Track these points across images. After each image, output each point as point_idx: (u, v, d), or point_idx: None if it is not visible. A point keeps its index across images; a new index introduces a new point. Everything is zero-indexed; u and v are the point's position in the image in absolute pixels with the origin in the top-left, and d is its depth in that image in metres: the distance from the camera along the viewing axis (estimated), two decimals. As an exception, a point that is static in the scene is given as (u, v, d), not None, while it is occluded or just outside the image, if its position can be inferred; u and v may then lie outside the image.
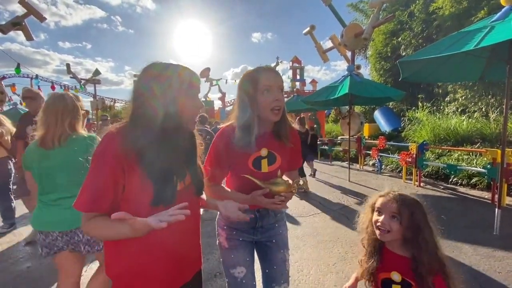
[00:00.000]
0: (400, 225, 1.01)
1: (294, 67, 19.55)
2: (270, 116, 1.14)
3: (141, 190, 0.86)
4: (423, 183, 5.77)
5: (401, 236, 1.03)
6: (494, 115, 7.30)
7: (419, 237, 1.00)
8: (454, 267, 1.04)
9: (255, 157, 1.21)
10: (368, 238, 1.12)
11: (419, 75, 4.03)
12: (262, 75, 1.13)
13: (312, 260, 2.74)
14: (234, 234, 1.30)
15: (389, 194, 1.07)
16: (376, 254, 1.08)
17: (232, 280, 1.29)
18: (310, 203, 4.69)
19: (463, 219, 3.71)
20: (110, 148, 0.84)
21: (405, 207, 1.02)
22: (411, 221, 1.01)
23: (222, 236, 1.33)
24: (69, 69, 19.87)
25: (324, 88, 7.11)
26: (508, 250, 2.80)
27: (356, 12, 14.45)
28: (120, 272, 0.92)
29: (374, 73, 12.57)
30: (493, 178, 4.27)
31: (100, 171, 0.83)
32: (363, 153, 8.08)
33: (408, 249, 1.03)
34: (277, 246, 1.33)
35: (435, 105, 9.42)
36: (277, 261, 1.32)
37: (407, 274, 1.01)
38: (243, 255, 1.29)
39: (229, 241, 1.30)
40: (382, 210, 1.06)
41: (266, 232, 1.33)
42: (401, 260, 1.04)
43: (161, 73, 0.90)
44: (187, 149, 1.00)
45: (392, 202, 1.04)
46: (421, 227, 1.01)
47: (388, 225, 1.02)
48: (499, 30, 2.63)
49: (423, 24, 9.97)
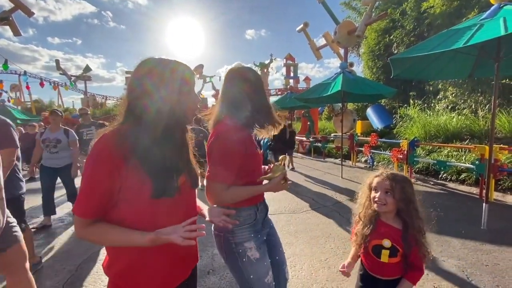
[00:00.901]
0: (394, 198, 1.20)
1: (288, 64, 19.57)
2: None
3: (140, 187, 0.85)
4: (414, 179, 5.86)
5: (395, 208, 1.22)
6: (483, 113, 7.45)
7: (410, 207, 1.20)
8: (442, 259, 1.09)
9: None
10: (365, 212, 1.31)
11: (410, 72, 4.08)
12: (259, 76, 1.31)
13: (304, 256, 2.77)
14: (259, 238, 1.28)
15: (382, 174, 1.26)
16: (372, 224, 1.27)
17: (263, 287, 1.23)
18: (303, 200, 4.73)
19: (452, 214, 3.79)
20: (105, 151, 0.82)
21: (397, 183, 1.21)
22: (402, 194, 1.20)
23: (251, 248, 1.23)
24: (59, 66, 19.48)
25: (317, 85, 7.15)
26: (495, 243, 2.87)
27: (349, 9, 14.52)
28: (121, 270, 0.92)
29: (366, 70, 12.66)
30: (481, 173, 4.38)
31: (97, 176, 0.82)
32: (355, 150, 8.16)
33: (399, 221, 1.23)
34: (274, 231, 1.46)
35: (426, 103, 9.56)
36: (279, 242, 1.45)
37: (397, 241, 1.20)
38: (268, 258, 1.30)
39: (260, 248, 1.25)
40: (378, 187, 1.25)
41: (267, 221, 1.42)
42: (392, 229, 1.23)
43: (156, 69, 0.89)
44: (183, 144, 1.02)
45: (385, 180, 1.23)
46: (411, 199, 1.21)
47: (384, 199, 1.21)
48: (487, 28, 2.68)
49: (415, 22, 10.08)
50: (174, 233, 0.82)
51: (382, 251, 1.22)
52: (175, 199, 0.92)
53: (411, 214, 1.19)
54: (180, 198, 0.94)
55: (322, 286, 2.26)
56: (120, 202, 0.86)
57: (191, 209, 1.05)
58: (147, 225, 0.86)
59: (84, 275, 2.49)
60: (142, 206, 0.86)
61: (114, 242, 0.87)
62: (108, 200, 0.84)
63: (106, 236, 0.85)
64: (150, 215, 0.88)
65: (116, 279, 0.94)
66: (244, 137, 1.21)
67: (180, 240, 0.79)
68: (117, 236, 0.85)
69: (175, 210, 0.93)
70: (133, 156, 0.84)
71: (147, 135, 0.86)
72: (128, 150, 0.83)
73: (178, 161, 0.95)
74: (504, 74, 4.53)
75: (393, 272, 1.24)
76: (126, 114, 0.90)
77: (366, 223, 1.28)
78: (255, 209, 1.29)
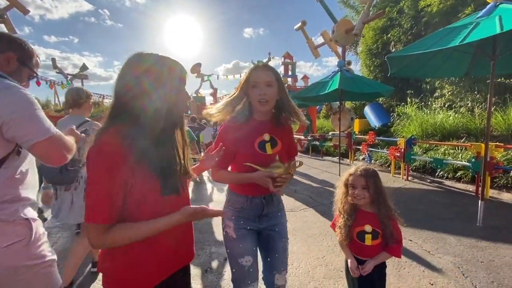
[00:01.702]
0: (368, 192, 1.40)
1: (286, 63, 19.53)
2: (258, 106, 1.32)
3: (147, 186, 0.87)
4: (410, 177, 5.90)
5: (371, 199, 1.42)
6: (479, 111, 7.49)
7: (380, 197, 1.41)
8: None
9: (259, 141, 1.37)
10: (344, 205, 1.48)
11: (407, 70, 4.09)
12: (252, 73, 1.32)
13: (302, 254, 2.78)
14: (242, 224, 1.40)
15: (356, 172, 1.44)
16: (352, 215, 1.45)
17: (239, 269, 1.36)
18: (301, 198, 4.74)
19: (448, 211, 3.82)
20: (115, 152, 0.81)
21: (370, 178, 1.41)
22: (375, 187, 1.40)
23: (230, 227, 1.40)
24: (55, 64, 19.31)
25: (315, 83, 7.15)
26: (490, 240, 2.90)
27: (347, 8, 14.52)
28: (114, 264, 0.91)
29: (364, 69, 12.68)
30: (477, 171, 4.41)
31: (111, 179, 0.80)
32: (353, 148, 8.18)
33: (375, 207, 1.42)
34: (279, 235, 1.45)
35: (423, 101, 9.59)
36: (279, 249, 1.43)
37: (376, 225, 1.40)
38: (250, 245, 1.38)
39: (237, 231, 1.38)
40: (355, 184, 1.42)
41: (270, 221, 1.45)
42: (371, 215, 1.42)
43: (146, 66, 0.88)
44: (180, 140, 1.04)
45: (360, 177, 1.41)
46: (382, 189, 1.42)
47: (362, 194, 1.40)
48: (483, 27, 2.69)
49: (412, 21, 10.10)
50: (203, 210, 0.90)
51: (365, 236, 1.41)
52: (179, 195, 0.97)
53: (383, 200, 1.41)
54: (183, 194, 1.00)
55: (319, 283, 2.28)
56: (130, 203, 0.85)
57: (185, 199, 1.07)
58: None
59: (80, 273, 2.49)
60: (150, 205, 0.87)
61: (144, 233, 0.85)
62: (120, 202, 0.83)
63: (133, 231, 0.83)
64: (158, 214, 0.88)
65: (110, 273, 0.93)
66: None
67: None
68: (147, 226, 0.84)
69: (179, 207, 0.95)
70: (136, 156, 0.83)
71: (147, 134, 0.87)
72: (134, 150, 0.83)
73: (179, 158, 0.98)
74: (500, 72, 4.55)
75: (376, 252, 1.42)
76: (122, 113, 0.89)
77: (348, 215, 1.45)
78: (245, 199, 1.39)
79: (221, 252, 2.71)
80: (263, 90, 1.28)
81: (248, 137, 1.36)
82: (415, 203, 4.24)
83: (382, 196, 1.41)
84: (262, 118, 1.39)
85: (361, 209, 1.46)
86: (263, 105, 1.30)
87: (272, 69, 1.33)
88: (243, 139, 1.35)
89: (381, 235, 1.39)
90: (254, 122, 1.37)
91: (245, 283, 1.35)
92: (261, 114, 1.38)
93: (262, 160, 1.33)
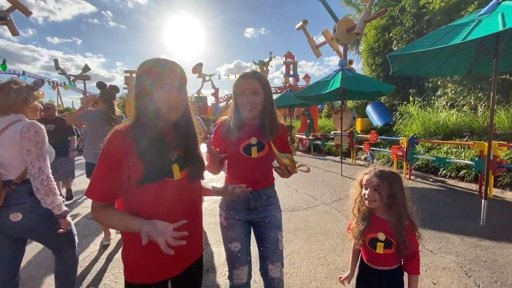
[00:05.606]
0: (380, 195, 1.27)
1: (287, 62, 19.53)
2: (244, 112, 1.40)
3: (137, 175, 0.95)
4: (413, 176, 5.88)
5: (383, 204, 1.29)
6: (482, 109, 7.44)
7: (398, 201, 1.26)
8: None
9: (245, 144, 1.44)
10: (359, 207, 1.37)
11: (409, 68, 4.06)
12: (238, 81, 1.42)
13: (303, 253, 2.77)
14: (231, 214, 1.52)
15: (371, 172, 1.32)
16: (366, 219, 1.34)
17: (228, 253, 1.49)
18: (302, 198, 4.73)
19: (451, 211, 3.80)
20: (116, 144, 0.93)
21: (384, 180, 1.27)
22: (389, 190, 1.26)
23: (222, 216, 1.55)
24: (57, 65, 19.43)
25: (316, 83, 7.12)
26: (494, 239, 2.88)
27: (348, 6, 14.46)
28: (133, 256, 1.01)
29: (366, 68, 12.62)
30: (481, 170, 4.37)
31: (110, 165, 0.92)
32: (355, 147, 8.16)
33: (392, 214, 1.28)
34: (269, 225, 1.52)
35: (426, 100, 9.54)
36: (270, 239, 1.50)
37: (390, 234, 1.27)
38: (238, 232, 1.49)
39: (227, 219, 1.52)
40: (367, 185, 1.31)
41: (260, 213, 1.53)
42: (386, 223, 1.30)
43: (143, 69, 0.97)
44: (180, 138, 1.07)
45: (373, 177, 1.29)
46: (399, 194, 1.26)
47: (373, 196, 1.28)
48: (486, 24, 2.66)
49: (414, 19, 10.03)
50: (162, 235, 0.85)
51: (377, 244, 1.31)
52: (174, 188, 1.00)
53: (400, 208, 1.26)
54: (180, 188, 1.03)
55: (321, 283, 2.27)
56: (128, 191, 0.96)
57: (192, 198, 1.11)
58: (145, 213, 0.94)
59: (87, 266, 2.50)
60: (135, 193, 0.96)
61: (118, 226, 0.97)
62: (118, 187, 0.94)
63: (112, 219, 0.95)
64: (158, 200, 0.97)
65: (133, 264, 1.02)
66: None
67: (163, 246, 0.83)
68: (120, 221, 0.94)
69: (175, 199, 1.01)
70: (134, 149, 0.93)
71: (144, 132, 0.95)
72: (134, 145, 0.94)
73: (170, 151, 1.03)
74: (503, 70, 4.52)
75: (389, 262, 1.33)
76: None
77: (361, 219, 1.36)
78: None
79: (222, 252, 2.70)
80: (249, 97, 1.38)
81: (235, 140, 1.44)
82: (418, 202, 4.17)
83: (397, 202, 1.26)
84: (251, 122, 1.47)
85: (376, 215, 1.34)
86: (248, 111, 1.39)
87: (258, 77, 1.41)
88: (231, 140, 1.44)
89: (395, 246, 1.27)
90: (243, 125, 1.45)
91: (234, 266, 1.46)
92: (249, 118, 1.45)
93: (246, 162, 1.44)
